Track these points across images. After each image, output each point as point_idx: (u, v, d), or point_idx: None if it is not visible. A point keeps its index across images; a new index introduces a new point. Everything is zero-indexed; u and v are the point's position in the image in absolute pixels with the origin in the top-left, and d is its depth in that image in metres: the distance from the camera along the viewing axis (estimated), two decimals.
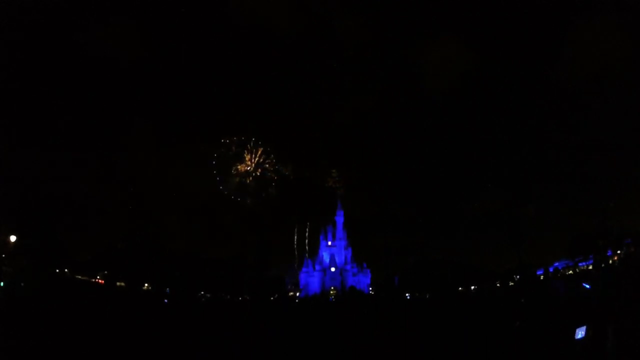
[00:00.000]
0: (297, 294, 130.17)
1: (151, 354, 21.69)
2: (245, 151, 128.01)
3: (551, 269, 76.83)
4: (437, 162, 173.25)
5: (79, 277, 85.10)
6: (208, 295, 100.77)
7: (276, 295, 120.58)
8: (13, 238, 51.17)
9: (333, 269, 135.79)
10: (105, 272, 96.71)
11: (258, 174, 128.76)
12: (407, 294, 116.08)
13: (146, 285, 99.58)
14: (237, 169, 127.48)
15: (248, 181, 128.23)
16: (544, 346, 15.09)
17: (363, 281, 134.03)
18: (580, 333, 12.80)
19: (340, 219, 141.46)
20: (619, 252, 75.96)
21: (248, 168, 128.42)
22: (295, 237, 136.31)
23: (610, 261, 67.78)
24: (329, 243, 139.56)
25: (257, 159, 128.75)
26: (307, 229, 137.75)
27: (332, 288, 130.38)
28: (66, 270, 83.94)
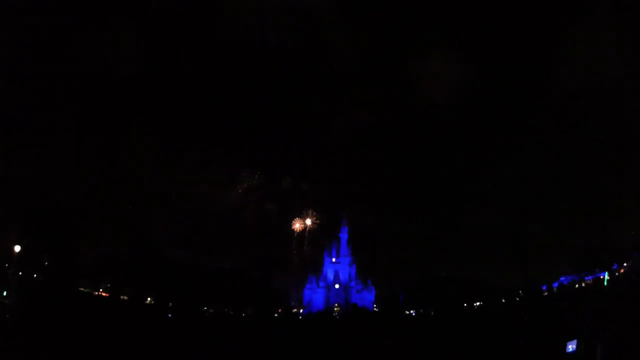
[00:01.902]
0: (301, 310, 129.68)
1: None
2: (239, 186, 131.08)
3: (556, 285, 76.18)
4: (440, 176, 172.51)
5: (82, 289, 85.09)
6: (211, 310, 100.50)
7: (280, 311, 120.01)
8: (17, 248, 51.52)
9: (337, 286, 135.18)
10: (109, 284, 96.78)
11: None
12: (412, 311, 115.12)
13: (149, 299, 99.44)
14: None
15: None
16: (539, 358, 15.14)
17: (367, 298, 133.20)
18: (571, 347, 12.82)
19: (344, 235, 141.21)
20: (624, 265, 75.23)
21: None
22: (297, 252, 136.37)
23: (617, 274, 67.22)
24: (333, 259, 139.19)
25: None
26: (306, 244, 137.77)
27: (336, 305, 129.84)
28: (69, 281, 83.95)
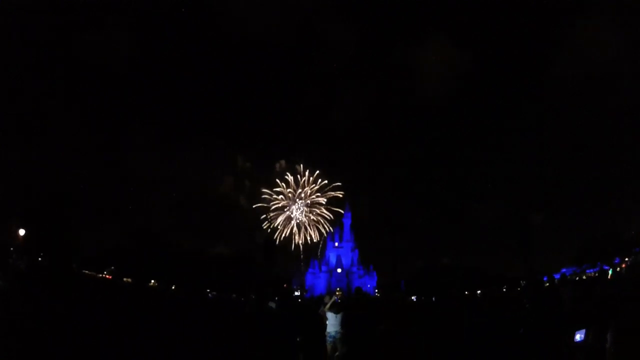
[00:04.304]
0: (303, 294, 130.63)
1: (155, 352, 21.82)
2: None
3: (558, 275, 76.18)
4: (444, 165, 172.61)
5: (86, 272, 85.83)
6: (214, 292, 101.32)
7: (280, 297, 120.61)
8: (22, 232, 51.73)
9: (339, 271, 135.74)
10: (112, 267, 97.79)
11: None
12: (413, 297, 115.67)
13: (152, 281, 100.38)
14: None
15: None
16: (544, 349, 15.09)
17: (369, 283, 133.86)
18: (579, 336, 12.77)
19: (347, 220, 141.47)
20: (627, 259, 75.38)
21: None
22: (299, 236, 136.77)
23: (618, 268, 67.21)
24: (336, 244, 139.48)
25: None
26: (311, 230, 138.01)
27: (338, 289, 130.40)
28: (74, 265, 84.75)
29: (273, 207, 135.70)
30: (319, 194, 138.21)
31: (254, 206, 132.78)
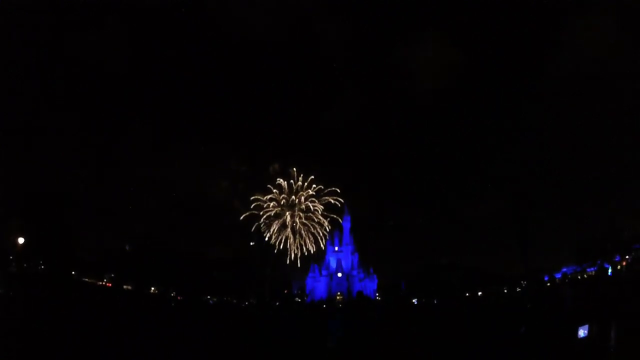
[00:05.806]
0: (304, 298, 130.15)
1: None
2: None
3: (559, 275, 76.38)
4: (442, 165, 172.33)
5: (87, 279, 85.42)
6: (215, 299, 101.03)
7: (279, 302, 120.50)
8: (21, 240, 51.57)
9: (340, 275, 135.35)
10: (112, 275, 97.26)
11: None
12: (414, 299, 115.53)
13: (153, 289, 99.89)
14: None
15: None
16: (548, 345, 15.11)
17: (369, 286, 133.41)
18: (582, 332, 12.85)
19: (347, 224, 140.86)
20: (627, 257, 75.48)
21: None
22: (295, 245, 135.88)
23: (619, 266, 67.34)
24: (336, 248, 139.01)
25: None
26: (311, 234, 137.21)
27: (339, 293, 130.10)
28: (73, 272, 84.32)
29: (265, 215, 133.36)
30: (314, 200, 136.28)
31: (241, 217, 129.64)
